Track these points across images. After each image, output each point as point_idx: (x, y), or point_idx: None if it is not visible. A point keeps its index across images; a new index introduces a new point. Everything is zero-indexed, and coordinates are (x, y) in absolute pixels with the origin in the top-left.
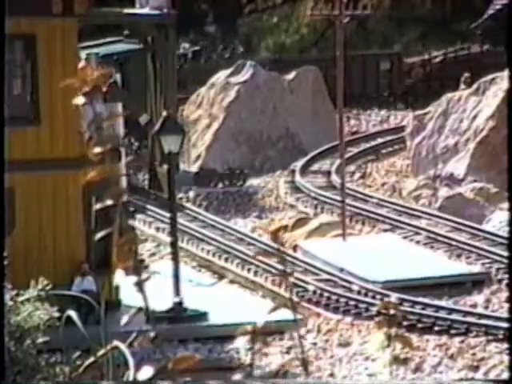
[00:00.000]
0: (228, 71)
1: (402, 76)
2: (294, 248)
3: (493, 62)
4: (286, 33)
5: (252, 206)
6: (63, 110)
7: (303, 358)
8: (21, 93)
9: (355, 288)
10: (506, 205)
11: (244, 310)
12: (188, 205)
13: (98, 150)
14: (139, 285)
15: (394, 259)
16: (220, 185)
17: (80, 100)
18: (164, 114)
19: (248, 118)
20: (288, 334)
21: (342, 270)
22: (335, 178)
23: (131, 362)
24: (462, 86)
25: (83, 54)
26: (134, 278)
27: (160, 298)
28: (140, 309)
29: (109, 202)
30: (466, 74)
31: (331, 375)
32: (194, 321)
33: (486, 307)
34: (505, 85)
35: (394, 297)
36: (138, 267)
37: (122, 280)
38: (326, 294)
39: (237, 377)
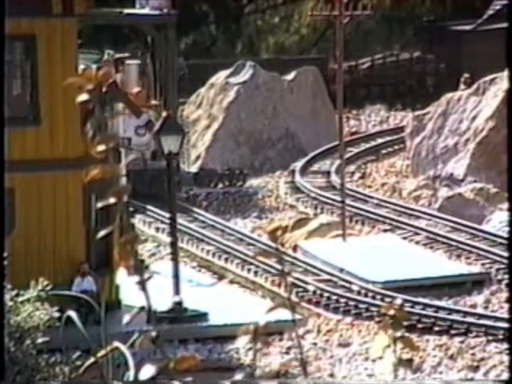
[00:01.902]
0: (228, 71)
1: (327, 82)
2: (294, 248)
3: (421, 70)
4: (287, 33)
5: (252, 207)
6: (63, 110)
7: (302, 358)
8: (21, 93)
9: (355, 288)
10: (505, 205)
11: (244, 310)
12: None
13: (101, 147)
14: (141, 284)
15: (394, 259)
16: (220, 185)
17: (83, 97)
18: (164, 114)
19: (248, 118)
20: (287, 334)
21: (341, 270)
22: (335, 179)
23: (131, 362)
24: (462, 87)
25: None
26: (135, 278)
27: (160, 299)
28: (142, 308)
29: (110, 201)
30: (466, 75)
31: (331, 375)
32: (194, 321)
33: (486, 307)
34: (505, 85)
35: (399, 299)
36: (139, 266)
37: (123, 280)
38: (325, 295)
39: (238, 377)
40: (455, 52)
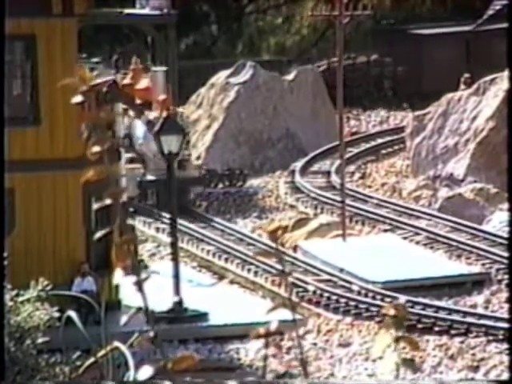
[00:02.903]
0: (228, 71)
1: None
2: (294, 248)
3: (379, 73)
4: (288, 33)
5: (252, 207)
6: (63, 110)
7: (302, 358)
8: (21, 93)
9: (355, 288)
10: (505, 205)
11: (244, 310)
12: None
13: (96, 149)
14: (138, 284)
15: (394, 259)
16: (220, 185)
17: (78, 98)
18: (164, 114)
19: (248, 118)
20: (287, 334)
21: (341, 270)
22: (335, 179)
23: (131, 362)
24: (462, 87)
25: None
26: (133, 278)
27: (160, 299)
28: (139, 309)
29: (108, 202)
30: (466, 75)
31: (331, 375)
32: (194, 321)
33: (486, 307)
34: (505, 85)
35: (402, 298)
36: (136, 267)
37: (123, 280)
38: (326, 295)
39: (249, 379)
40: (414, 55)
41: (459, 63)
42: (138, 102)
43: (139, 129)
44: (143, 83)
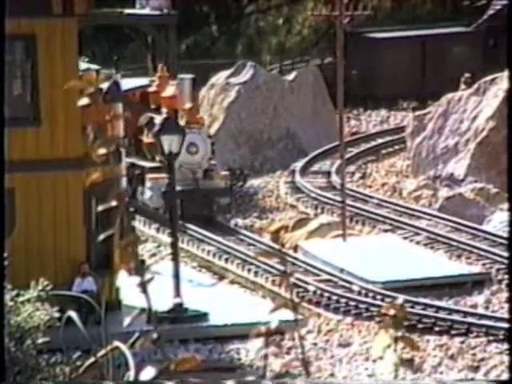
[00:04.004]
0: (228, 72)
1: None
2: (295, 248)
3: (332, 75)
4: (288, 34)
5: (252, 207)
6: (63, 110)
7: (303, 358)
8: (21, 93)
9: (355, 288)
10: (506, 205)
11: (244, 310)
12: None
13: (102, 151)
14: (142, 286)
15: (394, 259)
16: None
17: (84, 101)
18: (164, 114)
19: (248, 118)
20: (288, 334)
21: (342, 270)
22: (335, 179)
23: (132, 362)
24: (463, 87)
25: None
26: (136, 279)
27: (160, 299)
28: (143, 310)
29: (111, 204)
30: (467, 75)
31: (331, 375)
32: (195, 321)
33: (487, 308)
34: (505, 85)
35: (400, 298)
36: (140, 268)
37: (123, 280)
38: (326, 295)
39: (250, 378)
40: (369, 59)
41: (414, 67)
42: (152, 105)
43: None
44: (169, 91)
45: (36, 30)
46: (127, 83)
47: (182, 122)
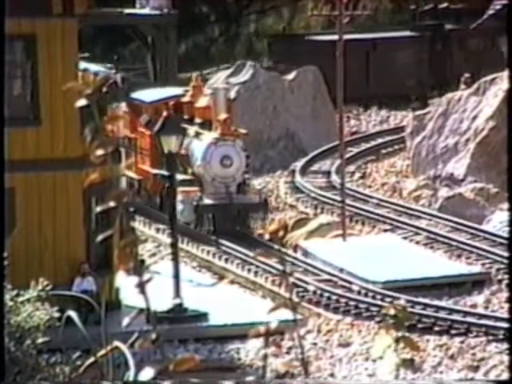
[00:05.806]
0: (228, 71)
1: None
2: (295, 248)
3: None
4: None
5: None
6: (63, 110)
7: (303, 358)
8: (21, 93)
9: (355, 288)
10: (506, 205)
11: (244, 310)
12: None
13: (100, 152)
14: (141, 286)
15: (394, 259)
16: None
17: (82, 102)
18: (164, 113)
19: (248, 118)
20: (288, 334)
21: (342, 270)
22: (335, 178)
23: (131, 362)
24: (463, 86)
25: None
26: (135, 279)
27: (160, 299)
28: (142, 310)
29: (110, 204)
30: (467, 75)
31: (331, 375)
32: (195, 321)
33: (486, 307)
34: (505, 85)
35: (402, 300)
36: (139, 269)
37: (123, 281)
38: (326, 295)
39: (249, 379)
40: (309, 62)
41: (358, 70)
42: (186, 116)
43: (198, 150)
44: (203, 101)
45: (36, 30)
46: (159, 93)
47: (215, 134)
